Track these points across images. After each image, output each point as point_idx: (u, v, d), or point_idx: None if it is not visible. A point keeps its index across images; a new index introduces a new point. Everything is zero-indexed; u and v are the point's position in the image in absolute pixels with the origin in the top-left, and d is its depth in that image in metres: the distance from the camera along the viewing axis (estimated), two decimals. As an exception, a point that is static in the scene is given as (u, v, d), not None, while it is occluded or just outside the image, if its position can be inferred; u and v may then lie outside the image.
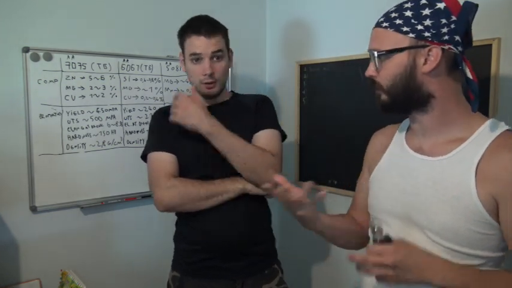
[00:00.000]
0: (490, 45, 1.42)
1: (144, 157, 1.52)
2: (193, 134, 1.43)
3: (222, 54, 1.46)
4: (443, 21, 0.94)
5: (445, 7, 0.94)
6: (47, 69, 1.69)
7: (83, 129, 1.78)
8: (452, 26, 0.94)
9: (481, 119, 0.99)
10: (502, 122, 0.98)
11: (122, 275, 1.92)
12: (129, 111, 1.90)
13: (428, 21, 0.94)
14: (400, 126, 1.16)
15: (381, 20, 1.01)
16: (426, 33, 0.94)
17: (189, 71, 1.49)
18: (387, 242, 0.95)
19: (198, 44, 1.42)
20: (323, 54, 2.04)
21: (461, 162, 0.95)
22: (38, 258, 1.71)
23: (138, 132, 1.92)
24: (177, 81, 2.02)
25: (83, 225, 1.81)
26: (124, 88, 1.88)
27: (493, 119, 0.99)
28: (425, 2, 0.96)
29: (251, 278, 1.51)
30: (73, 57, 1.74)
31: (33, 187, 1.68)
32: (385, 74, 0.99)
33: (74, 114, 1.76)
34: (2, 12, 1.60)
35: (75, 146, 1.77)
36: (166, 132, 1.49)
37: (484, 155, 0.93)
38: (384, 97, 1.02)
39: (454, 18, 0.94)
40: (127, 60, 1.88)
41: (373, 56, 1.00)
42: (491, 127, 0.96)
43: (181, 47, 1.50)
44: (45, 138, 1.70)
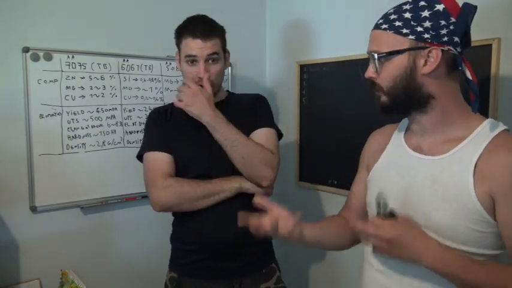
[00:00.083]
0: (490, 45, 1.42)
1: (140, 157, 1.52)
2: (190, 133, 1.42)
3: (217, 57, 1.45)
4: (442, 22, 0.94)
5: (444, 9, 0.94)
6: (47, 69, 1.69)
7: (83, 129, 1.78)
8: (451, 27, 0.94)
9: (479, 119, 1.00)
10: (500, 122, 0.99)
11: (122, 275, 1.92)
12: (129, 111, 1.90)
13: (427, 23, 0.95)
14: (398, 126, 1.17)
15: (379, 22, 1.01)
16: (426, 35, 0.94)
17: (184, 72, 1.49)
18: (391, 217, 0.96)
19: (193, 47, 1.42)
20: (323, 54, 2.04)
21: (459, 161, 0.96)
22: (38, 258, 1.71)
23: (138, 132, 1.92)
24: (177, 81, 2.02)
25: (83, 225, 1.81)
26: (124, 88, 1.88)
27: (491, 119, 1.00)
28: (424, 3, 0.96)
29: (249, 277, 1.51)
30: (73, 57, 1.74)
31: (33, 187, 1.68)
32: (385, 76, 1.00)
33: (74, 114, 1.76)
34: (2, 12, 1.60)
35: (75, 146, 1.77)
36: (163, 131, 1.49)
37: (482, 154, 0.93)
38: (384, 98, 1.02)
39: (453, 19, 0.94)
40: (127, 60, 1.88)
41: (373, 58, 1.00)
42: (489, 127, 0.97)
43: (178, 47, 1.50)
44: (45, 138, 1.70)
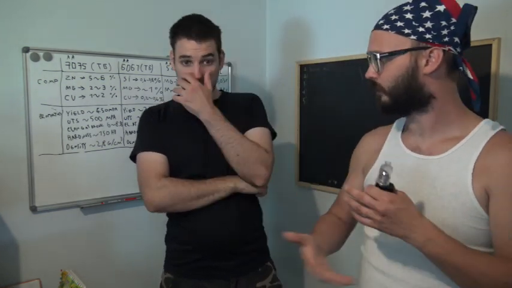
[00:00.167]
0: (490, 45, 1.42)
1: (133, 158, 1.52)
2: (186, 131, 1.43)
3: (212, 58, 1.45)
4: (443, 23, 0.95)
5: (445, 9, 0.95)
6: (47, 69, 1.69)
7: (83, 129, 1.78)
8: (452, 27, 0.95)
9: (476, 119, 1.02)
10: (496, 122, 1.00)
11: (122, 275, 1.92)
12: (129, 111, 1.90)
13: (429, 23, 0.95)
14: (393, 126, 1.17)
15: (380, 23, 1.01)
16: (427, 35, 0.95)
17: (178, 72, 1.49)
18: (388, 190, 0.91)
19: (188, 47, 1.41)
20: (323, 54, 2.04)
21: (458, 160, 0.97)
22: (38, 258, 1.71)
23: (138, 132, 1.92)
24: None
25: (83, 225, 1.81)
26: (124, 88, 1.88)
27: (488, 119, 1.01)
28: (425, 4, 0.97)
29: (244, 276, 1.51)
30: (73, 57, 1.74)
31: (33, 187, 1.68)
32: (386, 76, 1.00)
33: (74, 114, 1.76)
34: (2, 12, 1.60)
35: (75, 146, 1.77)
36: (156, 132, 1.49)
37: (480, 153, 0.94)
38: (385, 98, 1.02)
39: (454, 20, 0.95)
40: (127, 60, 1.88)
41: (374, 58, 1.00)
42: (487, 127, 0.99)
43: (172, 46, 1.50)
44: (45, 138, 1.70)
